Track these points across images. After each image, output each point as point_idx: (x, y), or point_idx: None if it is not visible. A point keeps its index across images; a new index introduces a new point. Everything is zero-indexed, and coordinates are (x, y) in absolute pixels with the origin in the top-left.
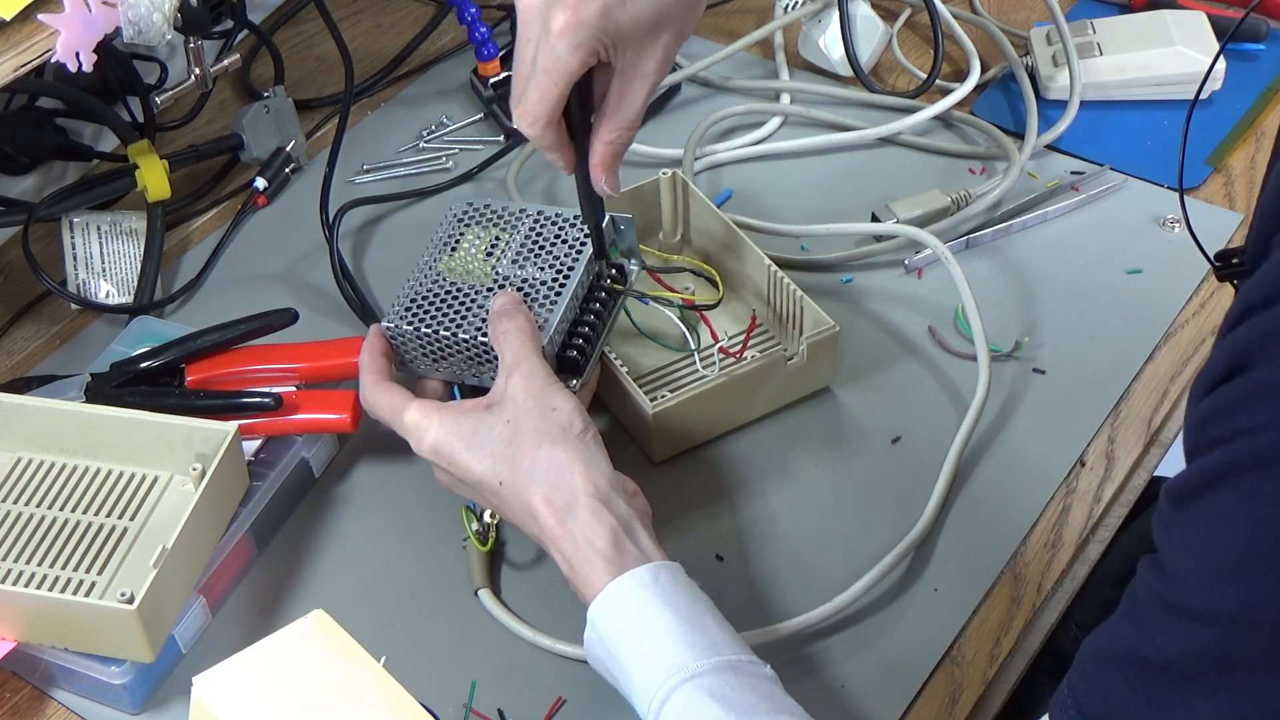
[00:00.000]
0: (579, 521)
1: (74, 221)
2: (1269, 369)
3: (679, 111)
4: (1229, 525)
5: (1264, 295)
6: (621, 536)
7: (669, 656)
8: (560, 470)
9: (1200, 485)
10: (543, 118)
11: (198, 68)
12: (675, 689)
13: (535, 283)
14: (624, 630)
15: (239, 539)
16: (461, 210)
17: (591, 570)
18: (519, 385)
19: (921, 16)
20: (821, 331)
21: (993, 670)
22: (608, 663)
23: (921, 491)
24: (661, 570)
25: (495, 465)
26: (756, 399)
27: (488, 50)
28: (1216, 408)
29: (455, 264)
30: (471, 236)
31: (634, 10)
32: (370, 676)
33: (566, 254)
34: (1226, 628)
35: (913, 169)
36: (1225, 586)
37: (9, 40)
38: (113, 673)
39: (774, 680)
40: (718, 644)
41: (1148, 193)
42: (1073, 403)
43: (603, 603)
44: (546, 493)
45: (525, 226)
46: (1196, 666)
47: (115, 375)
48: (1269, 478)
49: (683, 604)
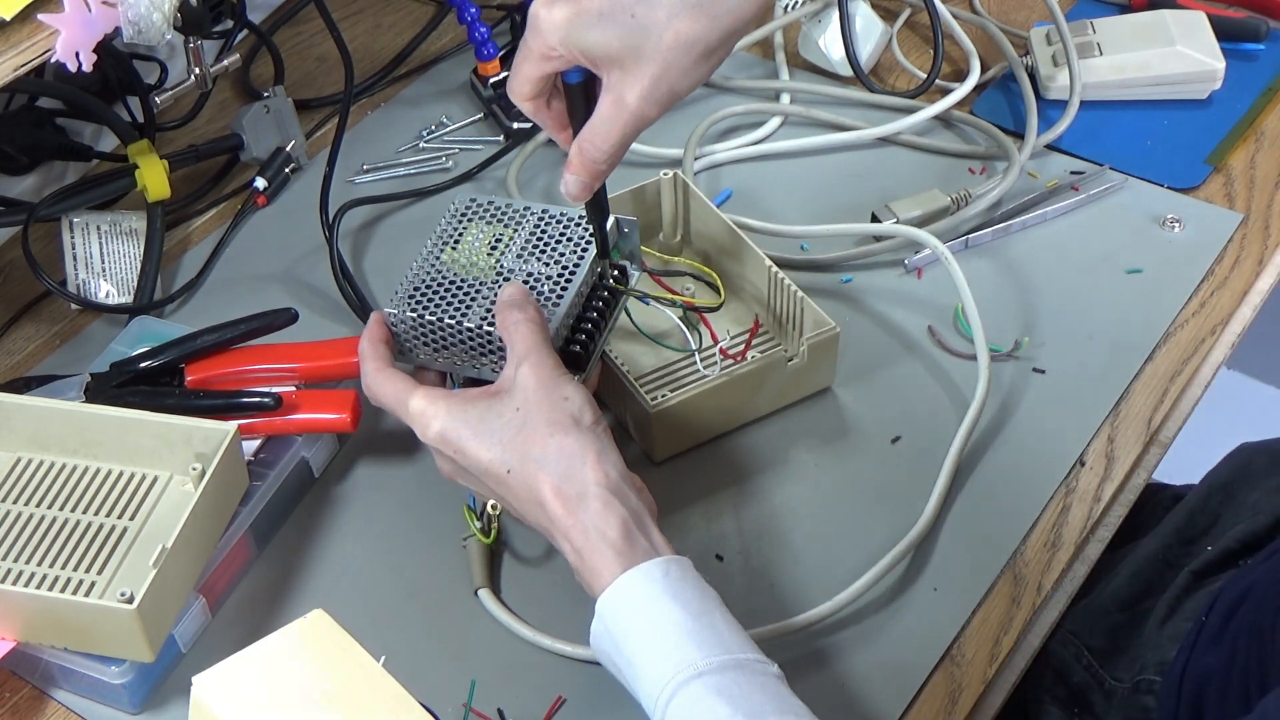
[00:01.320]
0: (590, 511)
1: (74, 221)
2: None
3: (679, 111)
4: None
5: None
6: (633, 528)
7: (677, 653)
8: (571, 459)
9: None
10: (520, 93)
11: (198, 68)
12: (682, 686)
13: (540, 278)
14: (632, 624)
15: (239, 539)
16: (464, 206)
17: (601, 561)
18: (529, 374)
19: (921, 16)
20: (822, 332)
21: (993, 670)
22: (614, 656)
23: (921, 491)
24: (672, 565)
25: (503, 453)
26: (757, 399)
27: (488, 50)
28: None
29: (459, 257)
30: (475, 231)
31: (600, 33)
32: (370, 676)
33: (571, 252)
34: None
35: (913, 169)
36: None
37: (9, 40)
38: (112, 672)
39: (781, 679)
40: (726, 642)
41: (1148, 193)
42: (1073, 403)
43: (612, 596)
44: (556, 482)
45: (529, 225)
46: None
47: (115, 375)
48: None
49: (692, 600)
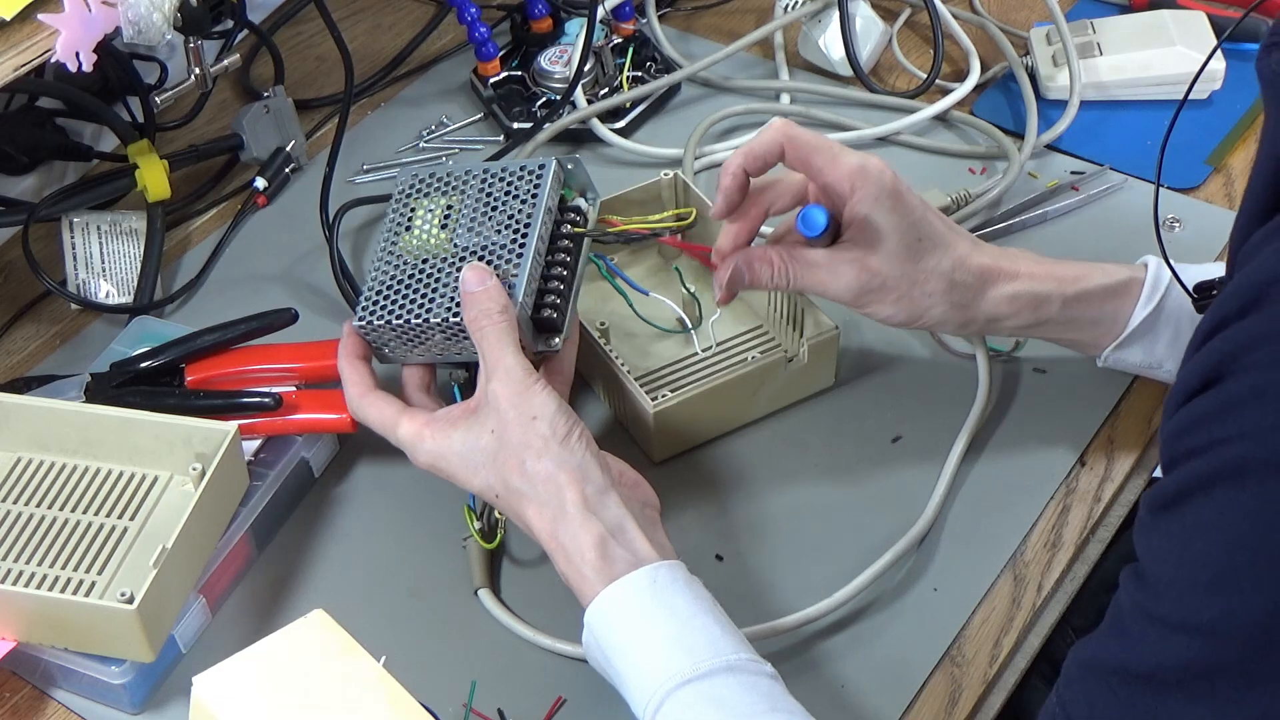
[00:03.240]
0: (568, 533)
1: (74, 221)
2: (1242, 380)
3: (679, 111)
4: (1205, 537)
5: (1238, 307)
6: (610, 543)
7: (663, 662)
8: (547, 483)
9: (1177, 496)
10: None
11: (198, 68)
12: (670, 694)
13: (495, 247)
14: (618, 637)
15: (239, 539)
16: (409, 185)
17: (582, 580)
18: (498, 391)
19: (921, 16)
20: (822, 334)
21: (993, 670)
22: (605, 666)
23: (921, 491)
24: (660, 570)
25: (487, 479)
26: (757, 400)
27: (488, 50)
28: (1191, 419)
29: (413, 241)
30: (424, 210)
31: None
32: (370, 676)
33: (519, 210)
34: (1206, 639)
35: (913, 169)
36: (1203, 598)
37: (9, 40)
38: (113, 673)
39: (775, 678)
40: (717, 645)
41: (1148, 193)
42: (1073, 403)
43: (596, 609)
44: (538, 506)
45: (474, 188)
46: (1178, 676)
47: (115, 375)
48: (1243, 488)
49: (681, 605)
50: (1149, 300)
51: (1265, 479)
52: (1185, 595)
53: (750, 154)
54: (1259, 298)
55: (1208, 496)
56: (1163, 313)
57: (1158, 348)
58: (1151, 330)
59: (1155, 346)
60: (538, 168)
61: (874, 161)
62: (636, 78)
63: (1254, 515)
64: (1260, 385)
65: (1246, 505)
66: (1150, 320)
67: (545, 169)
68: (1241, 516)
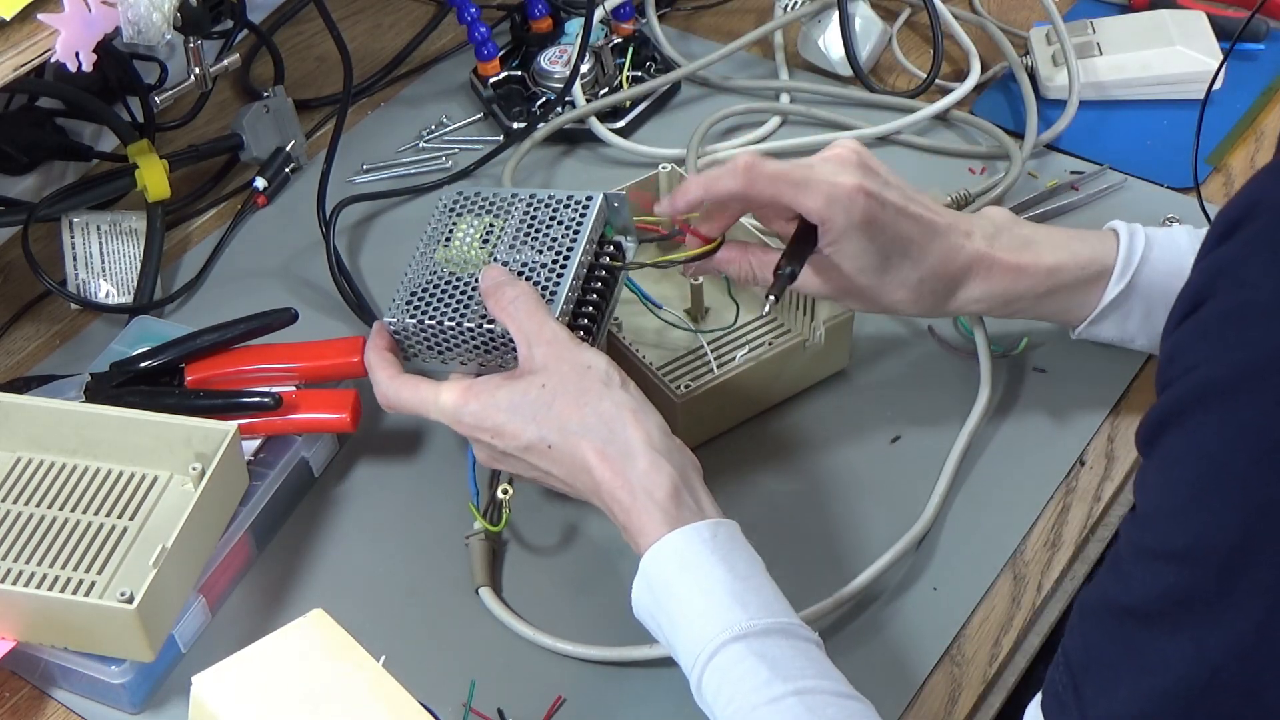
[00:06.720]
0: (637, 470)
1: (74, 221)
2: (1212, 306)
3: (679, 111)
4: (1181, 463)
5: (1219, 233)
6: (681, 489)
7: (720, 613)
8: (611, 423)
9: (1159, 426)
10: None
11: (197, 68)
12: (725, 645)
13: (535, 265)
14: (677, 582)
15: (239, 539)
16: (452, 200)
17: (648, 520)
18: (545, 351)
19: (921, 16)
20: (838, 315)
21: (993, 670)
22: (655, 612)
23: (922, 490)
24: (721, 527)
25: (540, 430)
26: (777, 384)
27: (487, 50)
28: (1175, 346)
29: (452, 254)
30: (465, 226)
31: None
32: (370, 676)
33: (564, 235)
34: (1181, 564)
35: (913, 169)
36: (1177, 523)
37: (9, 40)
38: (112, 672)
39: (820, 647)
40: (771, 606)
41: (1148, 192)
42: (1073, 402)
43: (658, 553)
44: (600, 445)
45: (519, 212)
46: (1160, 605)
47: (115, 375)
48: (1210, 410)
49: (739, 563)
50: (1121, 277)
51: (1227, 398)
52: (1164, 522)
53: (709, 190)
54: (1240, 220)
55: (1181, 424)
56: (1135, 290)
57: (1129, 324)
58: (1123, 306)
59: (1127, 323)
60: (585, 199)
61: (843, 188)
62: (636, 77)
63: (1221, 435)
64: (1227, 309)
65: (1214, 426)
66: (1123, 297)
67: (592, 201)
68: (1211, 436)
